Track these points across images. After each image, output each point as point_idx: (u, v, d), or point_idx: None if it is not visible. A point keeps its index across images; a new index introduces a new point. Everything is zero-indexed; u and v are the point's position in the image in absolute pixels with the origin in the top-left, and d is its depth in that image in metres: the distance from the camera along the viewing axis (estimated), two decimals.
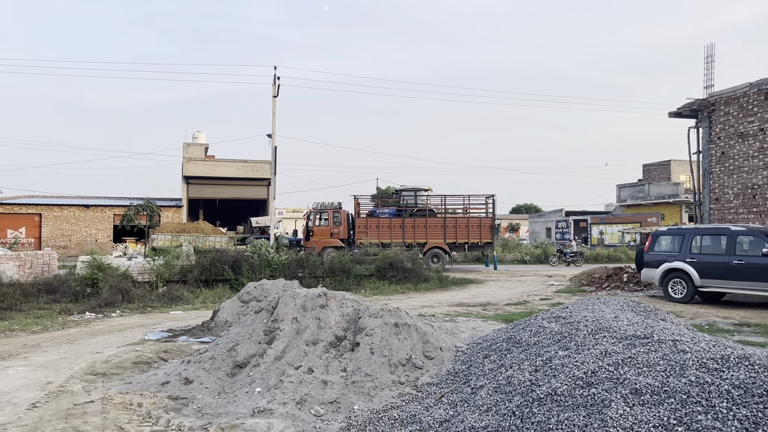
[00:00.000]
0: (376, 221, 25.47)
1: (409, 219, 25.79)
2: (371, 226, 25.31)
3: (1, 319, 12.36)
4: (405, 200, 27.03)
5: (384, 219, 25.66)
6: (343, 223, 25.58)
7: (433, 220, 26.03)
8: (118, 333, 10.96)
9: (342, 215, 25.70)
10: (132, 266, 17.27)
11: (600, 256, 34.74)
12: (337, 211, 25.64)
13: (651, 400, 4.10)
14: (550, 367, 5.10)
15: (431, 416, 5.22)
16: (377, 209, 26.54)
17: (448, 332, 9.11)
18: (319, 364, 6.67)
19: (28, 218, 35.35)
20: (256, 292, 11.67)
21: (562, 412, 4.29)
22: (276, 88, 25.56)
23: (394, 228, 25.47)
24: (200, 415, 5.84)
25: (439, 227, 25.89)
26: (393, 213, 26.45)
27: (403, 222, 25.62)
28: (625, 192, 48.66)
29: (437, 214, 26.83)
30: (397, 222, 25.63)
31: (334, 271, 18.88)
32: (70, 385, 7.05)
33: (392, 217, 26.06)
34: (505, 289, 18.38)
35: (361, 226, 25.38)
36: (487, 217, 26.90)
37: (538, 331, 6.34)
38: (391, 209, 26.81)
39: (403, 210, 26.39)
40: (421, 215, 26.09)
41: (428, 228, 25.59)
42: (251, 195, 39.59)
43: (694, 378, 4.20)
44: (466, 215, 26.84)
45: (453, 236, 25.97)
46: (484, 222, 26.61)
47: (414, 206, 26.72)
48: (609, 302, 7.46)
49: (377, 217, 25.81)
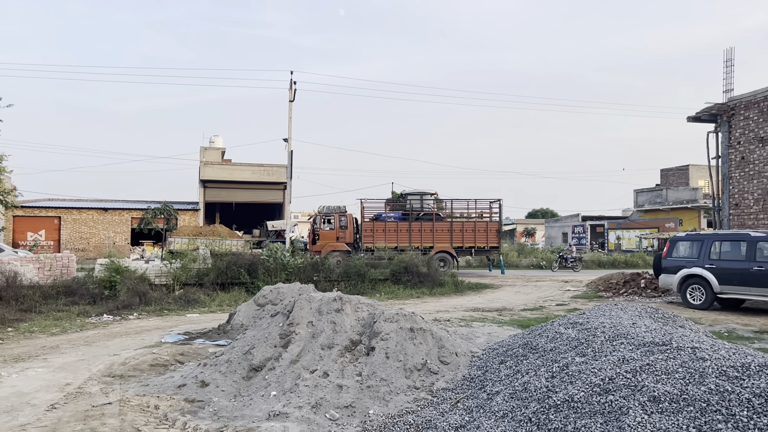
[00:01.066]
0: (382, 225, 25.40)
1: (416, 223, 25.72)
2: (378, 230, 25.24)
3: (20, 320, 12.52)
4: (411, 204, 27.03)
5: (391, 223, 25.59)
6: (349, 227, 25.54)
7: (440, 224, 25.96)
8: (136, 335, 11.06)
9: (348, 219, 25.66)
10: (149, 269, 17.42)
11: (617, 261, 34.43)
12: (342, 215, 25.62)
13: (670, 408, 4.05)
14: (566, 373, 5.06)
15: (447, 422, 5.20)
16: (383, 213, 26.48)
17: (464, 337, 9.07)
18: (334, 368, 6.68)
19: (47, 221, 35.79)
20: (271, 295, 11.72)
21: (579, 419, 4.26)
22: (292, 92, 25.69)
23: (401, 232, 25.41)
24: (216, 418, 5.87)
25: (445, 231, 25.82)
26: (399, 217, 26.38)
27: (410, 226, 25.56)
28: (642, 197, 48.20)
29: (444, 218, 26.80)
30: (404, 226, 25.57)
31: (349, 275, 18.89)
32: (88, 387, 7.12)
33: (399, 221, 25.98)
34: (521, 295, 18.28)
35: (367, 230, 25.31)
36: (494, 221, 26.86)
37: (554, 337, 6.30)
38: (397, 213, 26.76)
39: (409, 214, 26.35)
40: (428, 219, 26.02)
41: (435, 232, 25.53)
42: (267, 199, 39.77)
43: (713, 386, 4.15)
44: (472, 219, 26.76)
45: (460, 240, 25.89)
46: (491, 226, 26.55)
47: (420, 210, 26.69)
48: (626, 308, 7.39)
49: (383, 221, 25.75)
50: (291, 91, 25.68)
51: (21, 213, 34.69)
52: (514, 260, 33.56)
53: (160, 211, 28.65)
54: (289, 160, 25.81)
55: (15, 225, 34.69)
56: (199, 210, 38.07)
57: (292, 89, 25.67)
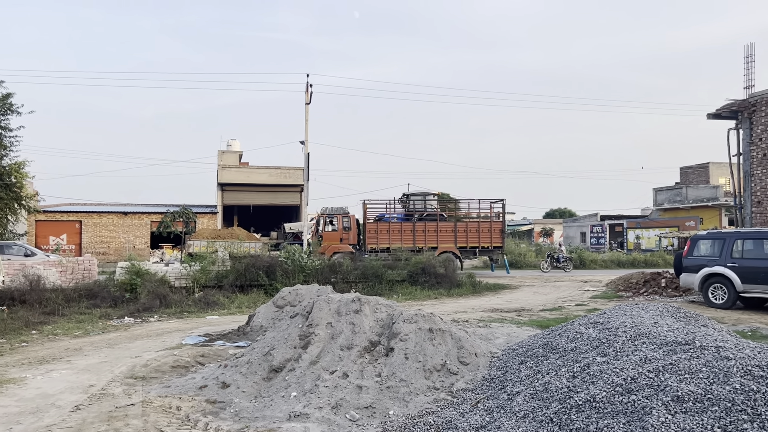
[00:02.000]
0: (386, 226, 25.27)
1: (420, 223, 25.62)
2: (381, 230, 25.12)
3: (44, 323, 12.70)
4: (414, 204, 26.98)
5: (394, 224, 25.47)
6: (352, 228, 25.47)
7: (444, 225, 25.86)
8: (157, 337, 11.17)
9: (351, 220, 25.60)
10: (169, 272, 17.59)
11: (636, 261, 34.11)
12: (345, 216, 25.54)
13: (694, 408, 4.01)
14: (588, 373, 5.03)
15: (467, 422, 5.19)
16: (386, 214, 26.43)
17: (483, 338, 9.05)
18: (353, 369, 6.70)
19: (68, 225, 36.29)
20: (290, 297, 11.78)
21: (601, 419, 4.23)
22: (308, 95, 25.79)
23: (405, 233, 25.28)
24: (237, 419, 5.92)
25: (449, 231, 25.70)
26: (402, 218, 26.29)
27: (414, 227, 25.44)
28: (662, 195, 47.68)
29: (447, 218, 26.71)
30: (408, 227, 25.45)
31: (367, 277, 18.92)
32: (111, 389, 7.21)
33: (402, 221, 25.90)
34: (540, 295, 18.17)
35: (371, 231, 25.17)
36: (497, 221, 26.78)
37: (575, 337, 6.26)
38: (400, 214, 26.68)
39: (412, 215, 26.30)
40: (432, 220, 25.94)
41: (439, 232, 25.45)
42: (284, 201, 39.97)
43: (738, 385, 4.10)
44: (476, 219, 26.69)
45: (464, 240, 25.79)
46: (495, 226, 26.46)
47: (423, 210, 26.65)
48: (648, 308, 7.33)
49: (387, 221, 25.67)
50: (307, 94, 25.77)
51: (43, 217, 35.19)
52: (532, 260, 33.35)
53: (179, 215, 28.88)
54: (306, 163, 25.90)
55: (37, 229, 35.20)
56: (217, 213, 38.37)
57: (308, 92, 25.77)
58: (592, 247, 48.32)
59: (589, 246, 49.32)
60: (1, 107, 23.85)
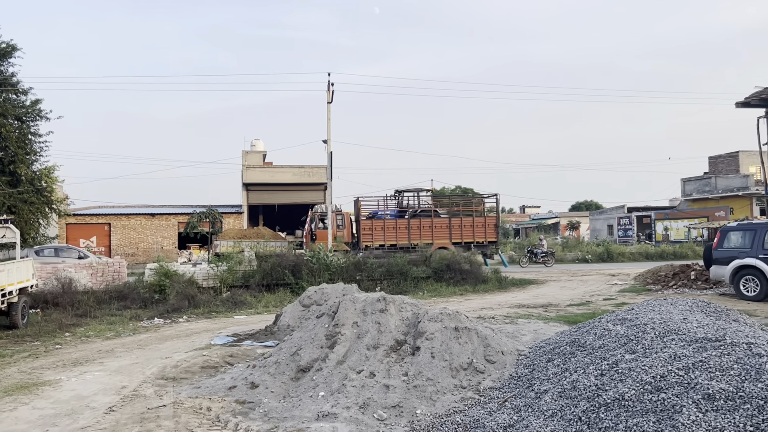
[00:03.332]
0: (381, 223, 25.16)
1: (414, 220, 25.52)
2: (376, 228, 25.01)
3: (76, 325, 12.97)
4: (408, 201, 26.77)
5: (389, 221, 25.38)
6: (346, 226, 25.45)
7: (438, 221, 25.75)
8: (186, 338, 11.34)
9: (345, 218, 25.58)
10: (197, 272, 17.82)
11: (665, 253, 33.61)
12: (339, 214, 25.50)
13: (725, 406, 3.96)
14: (616, 371, 4.99)
15: (495, 421, 5.18)
16: (380, 211, 26.35)
17: (510, 335, 9.01)
18: (380, 368, 6.73)
19: (98, 228, 36.96)
20: (316, 296, 11.86)
21: (630, 417, 4.19)
22: (330, 94, 25.84)
23: (400, 229, 25.19)
24: (266, 419, 5.99)
25: (444, 227, 25.60)
26: (396, 214, 26.22)
27: (409, 223, 25.35)
28: (690, 186, 46.87)
29: (441, 214, 26.57)
30: (402, 223, 25.37)
31: (392, 274, 18.95)
32: (143, 390, 7.34)
33: (396, 218, 25.83)
34: (567, 290, 18.02)
35: (365, 228, 25.09)
36: (492, 216, 26.71)
37: (603, 334, 6.21)
38: (394, 211, 26.57)
39: (406, 211, 26.16)
40: (426, 216, 25.85)
41: (434, 228, 25.35)
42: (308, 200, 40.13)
43: None
44: (471, 215, 26.59)
45: (459, 236, 25.67)
46: (489, 221, 26.40)
47: (417, 207, 26.46)
48: (677, 303, 7.22)
49: (381, 218, 25.56)
50: (329, 93, 25.83)
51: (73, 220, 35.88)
52: (559, 254, 33.07)
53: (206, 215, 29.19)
54: (329, 161, 25.98)
55: (68, 232, 35.90)
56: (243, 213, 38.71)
57: (330, 91, 25.82)
58: (620, 240, 47.74)
59: (617, 238, 48.74)
60: (31, 113, 24.37)
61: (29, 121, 24.53)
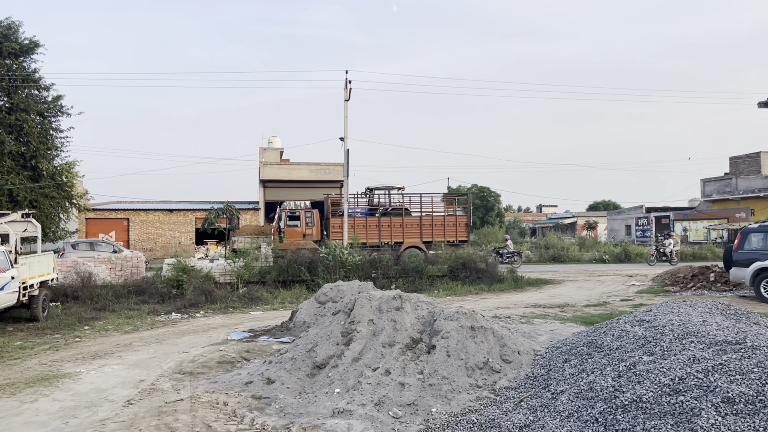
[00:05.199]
0: (351, 221, 24.92)
1: (385, 218, 25.29)
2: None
3: (96, 319, 13.14)
4: (379, 199, 26.47)
5: (359, 219, 25.21)
6: (315, 223, 25.08)
7: (409, 219, 25.48)
8: (203, 333, 11.43)
9: (314, 215, 25.24)
10: (214, 268, 17.96)
11: (684, 254, 33.21)
12: (308, 211, 25.20)
13: (745, 410, 3.92)
14: (634, 372, 4.95)
15: (510, 421, 5.17)
16: (351, 209, 26.09)
17: (526, 335, 8.97)
18: (395, 366, 6.74)
19: (117, 223, 37.33)
20: (332, 293, 11.90)
21: (648, 419, 4.16)
22: (348, 91, 25.86)
23: (370, 228, 25.00)
24: (282, 415, 6.02)
25: (415, 226, 25.35)
26: (366, 212, 25.99)
27: (379, 221, 25.14)
28: (710, 186, 46.28)
29: (411, 212, 26.26)
30: (373, 221, 25.18)
31: (407, 272, 18.95)
32: (161, 384, 7.42)
33: (367, 216, 25.62)
34: (584, 290, 17.90)
35: (335, 226, 24.83)
36: (463, 215, 26.44)
37: (620, 335, 6.16)
38: (364, 209, 26.33)
39: (377, 209, 25.91)
40: (397, 214, 25.59)
41: (404, 227, 25.11)
42: None
43: None
44: (442, 214, 26.29)
45: (429, 235, 25.43)
46: (460, 220, 26.12)
47: (388, 205, 26.19)
48: (696, 304, 7.15)
49: (352, 216, 25.31)
50: (346, 90, 25.85)
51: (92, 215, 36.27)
52: (575, 254, 32.83)
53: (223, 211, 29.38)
54: (345, 159, 25.98)
55: (87, 227, 36.32)
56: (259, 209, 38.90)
57: (347, 88, 25.83)
58: (638, 240, 47.28)
59: (635, 239, 48.27)
60: (53, 109, 24.69)
61: (51, 116, 24.85)
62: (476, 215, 60.69)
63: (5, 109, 23.32)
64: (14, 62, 23.63)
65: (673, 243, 28.61)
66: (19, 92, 23.54)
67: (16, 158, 22.95)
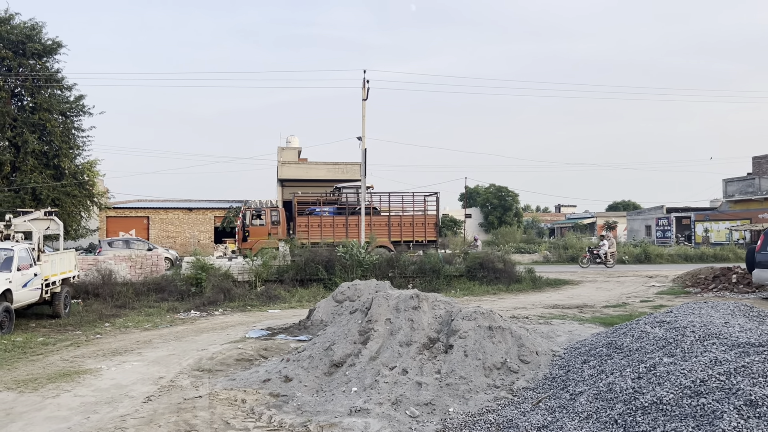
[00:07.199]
0: (317, 220, 24.61)
1: (353, 217, 24.95)
2: (313, 225, 24.44)
3: (116, 316, 13.30)
4: (347, 198, 26.17)
5: (326, 218, 24.88)
6: (281, 222, 24.75)
7: (378, 218, 25.20)
8: (221, 331, 11.52)
9: (280, 214, 24.96)
10: (232, 266, 18.10)
11: (705, 255, 32.80)
12: (274, 209, 24.92)
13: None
14: (654, 374, 4.90)
15: (528, 422, 5.14)
16: (318, 208, 25.74)
17: (544, 336, 8.92)
18: (413, 365, 6.73)
19: (137, 221, 37.77)
20: (349, 292, 11.92)
21: (668, 422, 4.11)
22: (365, 91, 25.86)
23: (337, 227, 24.70)
24: (300, 413, 6.05)
25: (383, 226, 25.02)
26: (334, 211, 25.66)
27: (347, 221, 24.86)
28: (732, 186, 45.63)
29: (380, 212, 26.02)
30: (340, 221, 24.90)
31: (424, 272, 18.94)
32: (180, 381, 7.49)
33: (334, 215, 25.32)
34: (603, 291, 17.74)
35: (301, 225, 24.49)
36: (431, 215, 26.10)
37: (640, 336, 6.10)
38: (332, 208, 25.98)
39: (345, 208, 25.67)
40: (365, 213, 25.09)
41: (372, 226, 24.67)
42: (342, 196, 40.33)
43: None
44: (411, 213, 25.97)
45: (398, 235, 25.13)
46: (429, 220, 25.77)
47: (357, 204, 25.93)
48: (718, 306, 7.06)
49: (318, 215, 25.02)
50: (364, 90, 25.85)
51: (113, 214, 36.73)
52: None
53: None
54: (363, 158, 26.00)
55: (108, 225, 36.79)
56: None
57: (365, 88, 25.84)
58: (658, 241, 46.77)
59: (655, 239, 47.75)
60: (75, 109, 25.04)
61: (73, 116, 25.21)
62: (494, 215, 60.43)
63: (29, 108, 23.70)
64: (38, 62, 24.00)
65: (608, 244, 27.63)
66: (42, 92, 23.92)
67: (39, 157, 23.31)
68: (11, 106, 23.64)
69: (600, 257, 27.24)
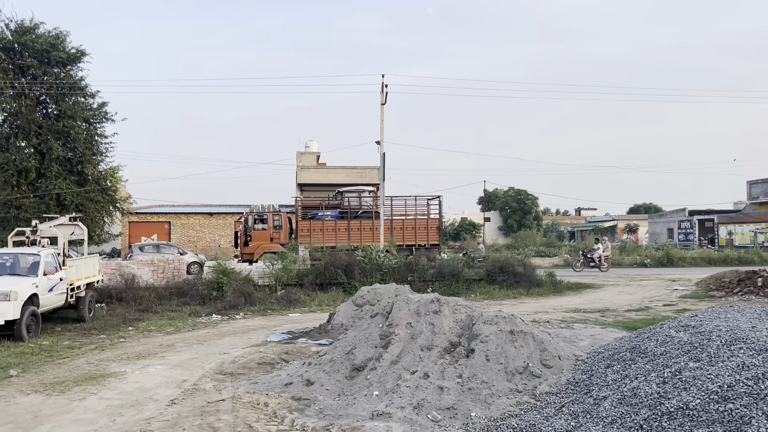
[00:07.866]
0: (319, 224, 24.49)
1: (355, 221, 24.87)
2: (315, 229, 24.30)
3: (139, 320, 13.45)
4: (349, 201, 25.99)
5: (328, 222, 24.74)
6: (284, 226, 24.75)
7: (380, 222, 24.99)
8: (243, 334, 11.60)
9: (282, 218, 24.88)
10: (253, 271, 18.22)
11: (729, 258, 32.28)
12: (276, 214, 24.82)
13: None
14: (680, 379, 4.84)
15: (551, 426, 5.11)
16: (320, 212, 25.63)
17: (566, 340, 8.86)
18: (434, 369, 6.72)
19: (158, 226, 38.16)
20: (369, 296, 11.94)
21: (695, 427, 4.07)
22: (384, 95, 25.93)
23: (339, 231, 24.53)
24: (322, 416, 6.07)
25: (385, 229, 24.73)
26: (336, 216, 25.52)
27: (349, 224, 24.72)
28: (757, 188, 44.89)
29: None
30: (342, 224, 24.73)
31: (444, 275, 18.89)
32: (203, 384, 7.56)
33: (336, 219, 25.16)
34: (625, 294, 17.55)
35: (303, 229, 24.40)
36: (434, 218, 25.94)
37: (664, 341, 6.04)
38: (334, 211, 25.83)
39: (347, 212, 25.52)
40: (367, 217, 25.16)
41: (375, 230, 24.56)
42: None
43: None
44: (413, 217, 25.79)
45: (400, 238, 24.91)
46: (431, 223, 25.65)
47: (359, 208, 25.82)
48: (744, 310, 6.96)
49: (321, 219, 24.90)
50: (382, 95, 25.92)
51: (135, 219, 37.15)
52: (616, 258, 32.21)
53: None
54: (381, 162, 26.05)
55: (130, 230, 37.24)
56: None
57: (383, 92, 25.91)
58: (680, 244, 46.16)
59: (677, 242, 47.13)
60: (98, 116, 25.41)
61: (96, 123, 25.55)
62: (513, 218, 60.14)
63: (53, 116, 24.09)
64: (62, 71, 24.38)
65: (603, 248, 27.37)
66: (66, 100, 24.29)
67: (63, 163, 23.67)
68: (36, 113, 24.04)
69: (594, 261, 27.12)
